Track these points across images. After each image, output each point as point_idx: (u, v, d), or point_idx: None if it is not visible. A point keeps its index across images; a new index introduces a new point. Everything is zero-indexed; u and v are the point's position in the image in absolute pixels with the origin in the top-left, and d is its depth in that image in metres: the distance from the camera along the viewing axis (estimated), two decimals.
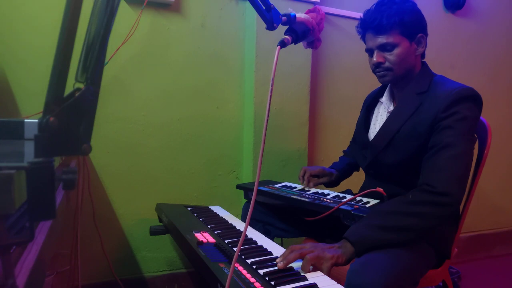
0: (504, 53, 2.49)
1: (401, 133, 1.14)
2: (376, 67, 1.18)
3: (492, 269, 2.37)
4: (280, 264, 0.86)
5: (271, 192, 1.34)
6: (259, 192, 1.37)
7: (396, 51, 1.13)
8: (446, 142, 1.02)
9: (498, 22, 2.45)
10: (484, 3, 2.39)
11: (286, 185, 1.44)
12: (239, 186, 1.50)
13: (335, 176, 1.46)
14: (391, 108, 1.26)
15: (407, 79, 1.20)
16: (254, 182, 1.55)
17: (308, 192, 1.32)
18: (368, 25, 1.15)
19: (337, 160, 1.60)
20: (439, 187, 0.97)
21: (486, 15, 2.40)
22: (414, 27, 1.13)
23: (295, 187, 1.41)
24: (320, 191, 1.35)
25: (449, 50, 2.31)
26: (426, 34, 1.17)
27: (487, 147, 1.22)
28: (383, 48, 1.14)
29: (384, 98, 1.30)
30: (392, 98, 1.28)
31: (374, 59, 1.16)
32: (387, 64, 1.15)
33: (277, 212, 1.39)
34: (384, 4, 1.14)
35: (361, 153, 1.32)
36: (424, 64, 1.21)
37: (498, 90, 2.49)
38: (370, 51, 1.19)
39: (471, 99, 1.07)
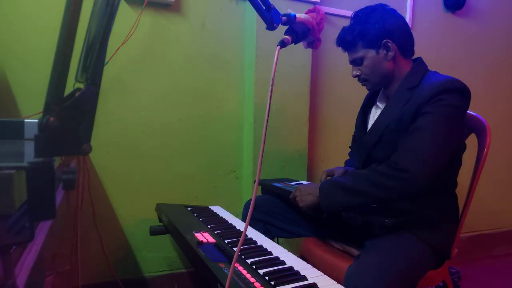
0: (504, 53, 2.49)
1: (389, 128, 1.16)
2: (357, 79, 1.27)
3: (492, 269, 2.37)
4: None
5: (283, 188, 1.35)
6: (273, 188, 1.40)
7: (365, 63, 1.21)
8: (419, 126, 1.05)
9: (498, 22, 2.45)
10: (484, 3, 2.39)
11: (302, 183, 1.45)
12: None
13: None
14: (384, 106, 1.27)
15: (395, 79, 1.22)
16: (272, 179, 1.57)
17: None
18: (338, 43, 1.26)
19: (340, 160, 1.60)
20: (400, 164, 1.00)
21: (486, 15, 2.40)
22: (377, 36, 1.17)
23: None
24: None
25: (449, 50, 2.31)
26: (393, 38, 1.17)
27: (487, 147, 1.22)
28: (355, 62, 1.24)
29: (379, 98, 1.32)
30: (386, 98, 1.30)
31: (352, 72, 1.26)
32: (362, 76, 1.24)
33: (279, 212, 1.39)
34: (352, 21, 1.22)
35: (358, 152, 1.33)
36: (417, 61, 1.23)
37: (498, 90, 2.49)
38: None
39: (457, 91, 1.07)
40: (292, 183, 1.45)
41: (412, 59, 1.25)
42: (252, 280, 0.80)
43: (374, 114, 1.33)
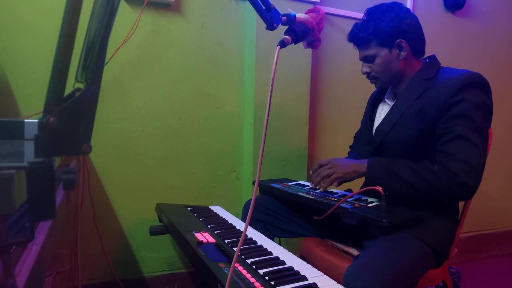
0: (504, 53, 2.50)
1: (405, 115, 1.17)
2: (366, 76, 1.28)
3: (492, 269, 2.37)
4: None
5: (281, 189, 1.35)
6: (271, 188, 1.40)
7: (377, 61, 1.22)
8: (462, 132, 1.05)
9: (498, 22, 2.45)
10: (484, 3, 2.39)
11: (300, 183, 1.45)
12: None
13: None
14: (394, 102, 1.28)
15: (405, 79, 1.24)
16: (270, 180, 1.57)
17: (317, 191, 1.32)
18: (351, 39, 1.27)
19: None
20: (464, 178, 1.02)
21: (486, 15, 2.41)
22: (391, 35, 1.17)
23: (307, 185, 1.41)
24: (328, 189, 1.35)
25: (449, 50, 2.31)
26: (407, 38, 1.18)
27: (488, 148, 1.22)
28: (366, 60, 1.25)
29: (387, 96, 1.33)
30: (394, 95, 1.31)
31: (363, 69, 1.26)
32: (373, 73, 1.25)
33: (279, 212, 1.39)
34: (366, 18, 1.22)
35: (363, 149, 1.33)
36: (432, 57, 1.25)
37: (498, 90, 2.49)
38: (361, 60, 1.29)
39: (480, 85, 1.09)
40: (290, 183, 1.45)
41: (422, 59, 1.26)
42: (252, 280, 0.80)
43: (381, 111, 1.34)
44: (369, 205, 1.11)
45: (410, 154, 1.17)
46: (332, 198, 1.19)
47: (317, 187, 1.27)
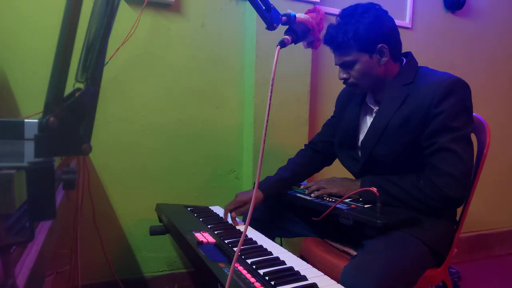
0: (504, 53, 2.49)
1: (390, 125, 1.13)
2: (344, 82, 1.21)
3: (492, 269, 2.37)
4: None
5: None
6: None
7: (357, 67, 1.14)
8: (446, 144, 1.04)
9: (498, 22, 2.45)
10: (484, 3, 2.39)
11: (300, 184, 1.45)
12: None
13: (260, 200, 1.31)
14: (377, 108, 1.23)
15: (385, 83, 1.19)
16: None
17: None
18: (327, 42, 1.17)
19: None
20: (446, 191, 1.03)
21: (486, 15, 2.40)
22: (372, 40, 1.11)
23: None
24: None
25: (449, 50, 2.31)
26: (388, 42, 1.13)
27: (486, 147, 1.22)
28: (344, 65, 1.17)
29: (369, 100, 1.27)
30: (374, 100, 1.26)
31: (340, 75, 1.19)
32: (351, 79, 1.18)
33: (279, 212, 1.39)
34: (342, 20, 1.14)
35: (350, 155, 1.29)
36: (408, 56, 1.20)
37: (498, 90, 2.49)
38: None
39: (461, 91, 1.07)
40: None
41: (401, 55, 1.21)
42: (252, 280, 0.80)
43: (364, 115, 1.28)
44: (365, 206, 1.11)
45: (400, 164, 1.15)
46: (330, 199, 1.19)
47: (309, 193, 1.26)
